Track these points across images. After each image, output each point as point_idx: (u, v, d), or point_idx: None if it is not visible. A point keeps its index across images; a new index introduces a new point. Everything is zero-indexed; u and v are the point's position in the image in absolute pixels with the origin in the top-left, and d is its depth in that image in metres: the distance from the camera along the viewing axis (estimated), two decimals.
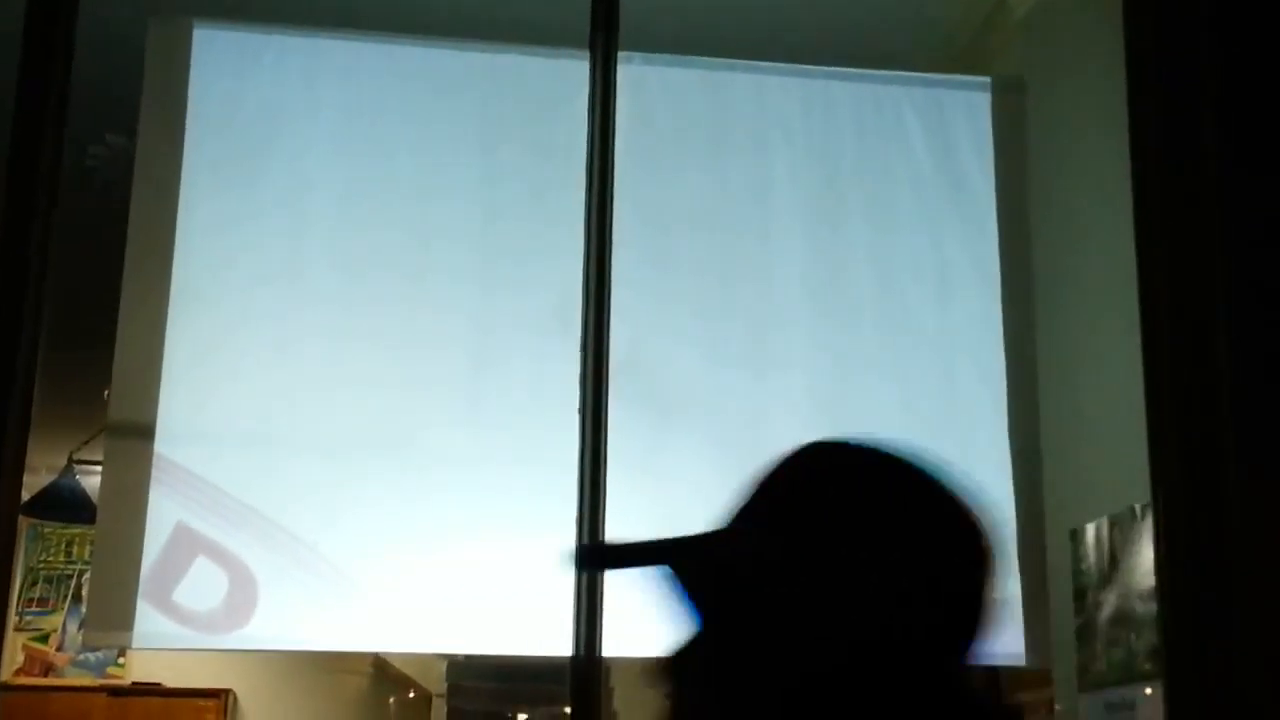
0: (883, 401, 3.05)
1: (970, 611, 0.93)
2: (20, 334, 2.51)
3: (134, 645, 2.84)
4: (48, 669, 7.49)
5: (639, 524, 2.91)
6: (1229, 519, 2.37)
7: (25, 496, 2.85)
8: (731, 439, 2.97)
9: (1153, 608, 2.57)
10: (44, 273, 2.57)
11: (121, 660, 7.50)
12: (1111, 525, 2.78)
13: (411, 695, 8.30)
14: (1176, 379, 2.48)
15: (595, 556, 1.41)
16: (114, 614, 2.76)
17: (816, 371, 3.07)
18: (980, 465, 3.05)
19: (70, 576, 7.69)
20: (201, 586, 2.75)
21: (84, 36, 2.68)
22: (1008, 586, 0.99)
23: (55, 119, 2.63)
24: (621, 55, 2.92)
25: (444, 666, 7.17)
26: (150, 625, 2.74)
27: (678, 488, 2.95)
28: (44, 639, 7.55)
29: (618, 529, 2.78)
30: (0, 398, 2.48)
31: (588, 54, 2.90)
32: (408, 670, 7.92)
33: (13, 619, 6.94)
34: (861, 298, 3.12)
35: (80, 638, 7.37)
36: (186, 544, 2.76)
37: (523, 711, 6.10)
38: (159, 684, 7.28)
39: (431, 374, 2.94)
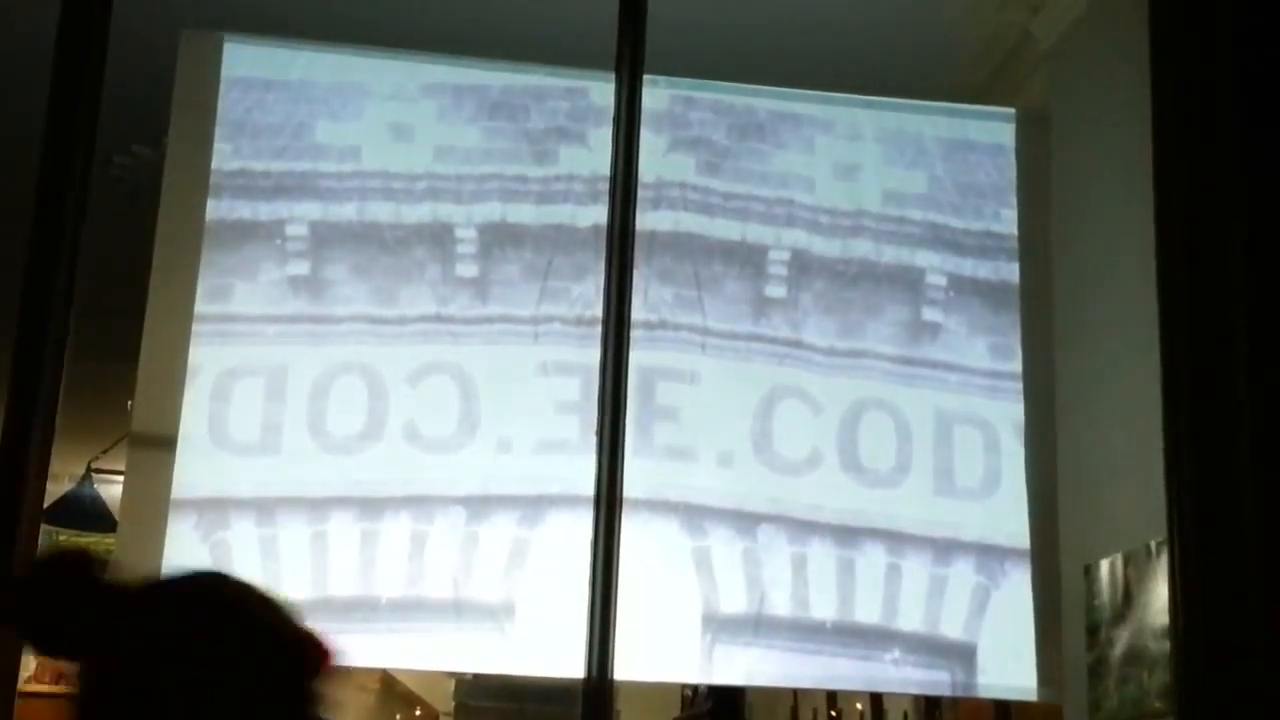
0: (899, 439, 3.05)
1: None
2: (46, 342, 2.53)
3: None
4: (59, 676, 7.49)
5: (651, 538, 2.92)
6: (1243, 558, 2.36)
7: (45, 503, 2.85)
8: (741, 472, 2.97)
9: (1166, 646, 2.56)
10: (71, 282, 2.59)
11: None
12: (1126, 562, 2.77)
13: (418, 713, 8.29)
14: (1195, 416, 2.48)
15: None
16: None
17: (834, 407, 3.06)
18: (997, 500, 3.05)
19: None
20: None
21: (113, 49, 2.71)
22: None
23: (86, 132, 2.65)
24: (646, 78, 2.93)
25: (452, 685, 7.17)
26: None
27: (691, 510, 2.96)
28: None
29: (632, 545, 2.78)
30: (26, 406, 2.49)
31: (613, 76, 2.92)
32: (415, 688, 7.92)
33: None
34: (880, 330, 3.12)
35: None
36: (204, 554, 2.77)
37: None
38: None
39: (445, 396, 2.95)
